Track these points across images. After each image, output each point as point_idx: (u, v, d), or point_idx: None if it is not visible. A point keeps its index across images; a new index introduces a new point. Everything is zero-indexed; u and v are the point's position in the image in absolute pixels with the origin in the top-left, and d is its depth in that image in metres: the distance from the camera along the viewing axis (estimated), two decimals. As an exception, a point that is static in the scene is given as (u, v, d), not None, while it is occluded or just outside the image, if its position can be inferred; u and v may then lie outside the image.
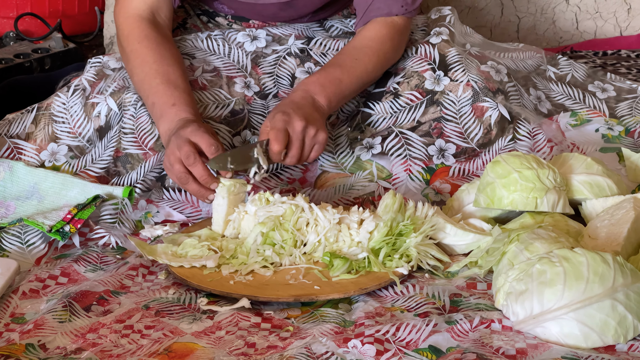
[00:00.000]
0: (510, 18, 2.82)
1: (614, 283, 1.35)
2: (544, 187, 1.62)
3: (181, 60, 1.86)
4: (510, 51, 2.20)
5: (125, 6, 1.88)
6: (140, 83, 1.81)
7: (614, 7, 2.81)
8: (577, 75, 2.22)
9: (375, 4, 1.88)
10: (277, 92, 1.94)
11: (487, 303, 1.46)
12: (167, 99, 1.75)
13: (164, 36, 1.87)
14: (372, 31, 1.89)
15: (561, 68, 2.22)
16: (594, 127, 2.05)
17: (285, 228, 1.58)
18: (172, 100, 1.75)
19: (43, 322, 1.41)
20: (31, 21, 2.78)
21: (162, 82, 1.77)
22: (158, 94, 1.76)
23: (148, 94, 1.78)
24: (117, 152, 1.86)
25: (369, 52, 1.87)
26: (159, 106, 1.75)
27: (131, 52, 1.83)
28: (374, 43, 1.88)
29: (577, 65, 2.25)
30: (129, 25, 1.86)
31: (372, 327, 1.39)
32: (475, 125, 1.92)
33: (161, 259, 1.57)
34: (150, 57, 1.81)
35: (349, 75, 1.83)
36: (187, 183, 1.65)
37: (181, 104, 1.74)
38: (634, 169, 1.84)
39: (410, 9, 1.90)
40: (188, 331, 1.41)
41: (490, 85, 1.94)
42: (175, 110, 1.73)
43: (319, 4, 1.98)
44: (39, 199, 1.78)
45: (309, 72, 1.96)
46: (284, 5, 1.94)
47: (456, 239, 1.61)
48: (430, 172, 1.88)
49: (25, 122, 1.92)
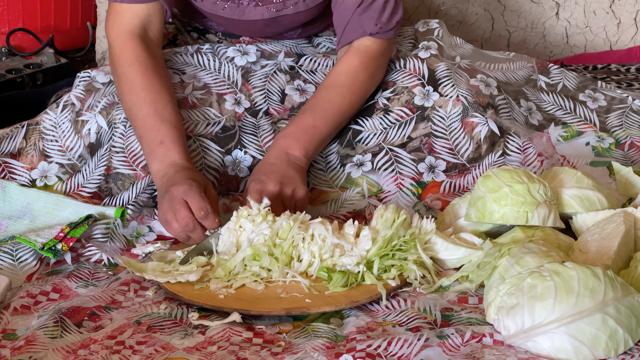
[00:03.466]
0: (501, 32, 2.83)
1: (604, 297, 1.36)
2: (535, 201, 1.62)
3: (170, 85, 1.85)
4: (501, 61, 2.20)
5: (118, 21, 1.86)
6: (128, 111, 1.81)
7: (604, 21, 2.82)
8: (569, 84, 2.23)
9: (351, 25, 1.88)
10: (268, 108, 1.94)
11: (479, 317, 1.47)
12: (155, 135, 1.75)
13: (154, 57, 1.85)
14: (344, 65, 1.88)
15: (552, 77, 2.23)
16: (584, 141, 2.06)
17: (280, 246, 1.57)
18: (159, 137, 1.75)
19: (34, 338, 1.41)
20: (23, 36, 2.78)
21: (149, 114, 1.77)
22: (145, 127, 1.77)
23: (136, 125, 1.79)
24: (108, 169, 1.86)
25: (342, 90, 1.86)
26: (147, 142, 1.76)
27: (122, 75, 1.83)
28: (346, 79, 1.87)
29: (569, 74, 2.25)
30: (121, 45, 1.85)
31: (363, 342, 1.39)
32: (465, 141, 1.92)
33: (148, 276, 1.57)
34: (139, 84, 1.80)
35: (323, 120, 1.83)
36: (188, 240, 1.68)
37: (169, 142, 1.74)
38: (624, 183, 1.85)
39: (386, 29, 1.88)
40: (180, 347, 1.41)
41: (480, 100, 1.94)
42: (163, 150, 1.74)
43: (304, 19, 1.98)
44: (31, 219, 1.78)
45: (298, 90, 1.97)
46: (269, 21, 1.94)
47: (447, 253, 1.61)
48: (422, 186, 1.89)
49: (16, 139, 1.91)
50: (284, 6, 1.91)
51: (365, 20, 1.86)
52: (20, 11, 2.81)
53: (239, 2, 1.91)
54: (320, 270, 1.56)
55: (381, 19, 1.87)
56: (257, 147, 1.89)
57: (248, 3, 1.91)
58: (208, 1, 1.92)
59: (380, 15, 1.87)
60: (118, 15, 1.86)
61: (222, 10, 1.93)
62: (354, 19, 1.87)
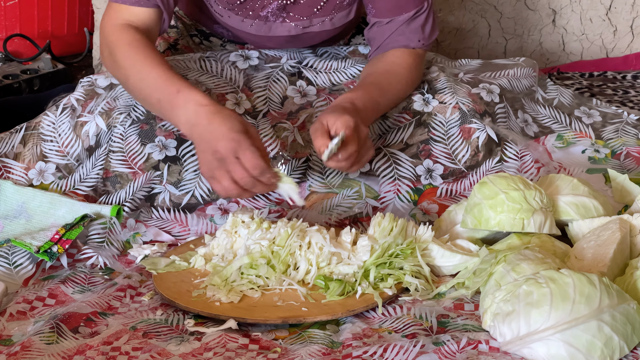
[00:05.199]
0: (498, 39, 2.84)
1: (600, 304, 1.36)
2: (531, 208, 1.62)
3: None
4: (509, 67, 2.21)
5: (115, 17, 1.83)
6: (137, 84, 1.76)
7: (600, 29, 2.83)
8: (564, 100, 2.24)
9: (394, 37, 1.91)
10: (268, 111, 1.94)
11: (475, 324, 1.47)
12: (170, 88, 1.69)
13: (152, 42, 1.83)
14: (400, 58, 1.91)
15: (548, 92, 2.24)
16: (580, 149, 2.07)
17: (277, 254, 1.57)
18: (175, 88, 1.69)
19: (30, 344, 1.41)
20: (20, 42, 2.79)
21: (159, 74, 1.72)
22: (160, 88, 1.71)
23: (150, 92, 1.73)
24: (107, 172, 1.86)
25: (400, 79, 1.89)
26: (164, 98, 1.70)
27: (122, 56, 1.78)
28: (404, 70, 1.90)
29: (564, 91, 2.27)
30: (118, 32, 1.81)
31: (359, 349, 1.40)
32: (462, 147, 1.93)
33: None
34: (142, 56, 1.76)
35: (385, 100, 1.85)
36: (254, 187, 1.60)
37: (185, 89, 1.68)
38: (620, 190, 1.85)
39: (427, 43, 1.94)
40: (175, 353, 1.41)
41: (477, 108, 1.95)
42: (183, 97, 1.67)
43: (326, 37, 2.01)
44: (27, 218, 1.78)
45: (300, 91, 1.97)
46: (292, 37, 1.96)
47: (443, 260, 1.62)
48: (418, 193, 1.89)
49: (14, 142, 1.92)
50: (311, 23, 1.94)
51: (409, 35, 1.91)
52: (18, 17, 2.81)
53: (267, 20, 1.92)
54: (317, 279, 1.56)
55: (424, 34, 1.93)
56: None
57: (275, 20, 1.92)
58: (235, 19, 1.93)
59: (423, 31, 1.92)
60: (116, 13, 1.84)
61: (250, 27, 1.94)
62: (396, 33, 1.91)
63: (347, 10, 1.95)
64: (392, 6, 1.90)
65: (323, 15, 1.93)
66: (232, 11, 1.92)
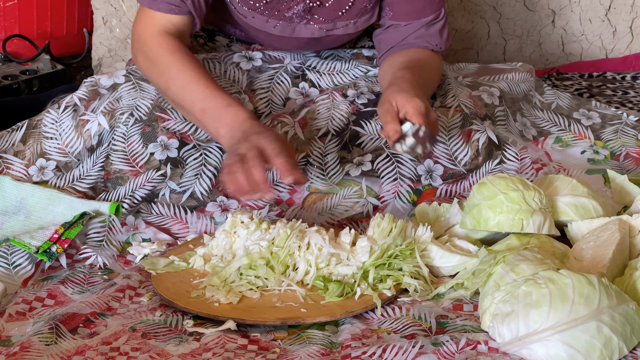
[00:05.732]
0: (497, 40, 2.84)
1: (599, 305, 1.36)
2: (530, 209, 1.62)
3: None
4: (506, 72, 2.22)
5: (151, 23, 1.83)
6: (180, 90, 1.77)
7: (599, 29, 2.83)
8: (562, 103, 2.24)
9: (411, 39, 1.92)
10: (270, 112, 1.94)
11: (474, 325, 1.47)
12: (221, 101, 1.71)
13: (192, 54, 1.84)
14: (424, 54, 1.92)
15: (546, 97, 2.25)
16: (579, 150, 2.07)
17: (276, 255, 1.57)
18: (226, 102, 1.71)
19: (29, 344, 1.41)
20: (19, 43, 2.78)
21: (208, 85, 1.74)
22: (208, 98, 1.72)
23: (195, 100, 1.74)
24: (108, 174, 1.86)
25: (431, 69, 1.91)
26: (213, 110, 1.71)
27: (165, 62, 1.79)
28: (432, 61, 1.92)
29: (562, 95, 2.27)
30: (158, 40, 1.81)
31: (358, 349, 1.40)
32: (463, 149, 1.92)
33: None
34: (188, 66, 1.77)
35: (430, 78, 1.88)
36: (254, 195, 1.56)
37: (236, 105, 1.71)
38: (619, 191, 1.86)
39: (443, 48, 1.96)
40: (174, 353, 1.41)
41: (478, 112, 1.95)
42: (233, 111, 1.69)
43: (347, 39, 2.02)
44: (25, 215, 1.78)
45: (302, 93, 1.97)
46: (313, 40, 1.97)
47: (442, 261, 1.62)
48: (417, 194, 1.89)
49: (14, 139, 1.92)
50: (335, 26, 1.94)
51: (427, 38, 1.93)
52: (17, 17, 2.81)
53: (291, 21, 1.93)
54: (317, 280, 1.56)
55: (441, 39, 1.94)
56: None
57: (300, 21, 1.93)
58: (261, 19, 1.93)
59: (440, 36, 1.94)
60: (151, 19, 1.84)
61: (273, 28, 1.94)
62: (412, 36, 1.92)
63: (369, 14, 1.96)
64: (411, 10, 1.91)
65: (347, 18, 1.94)
66: (257, 11, 1.92)
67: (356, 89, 1.96)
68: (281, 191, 1.86)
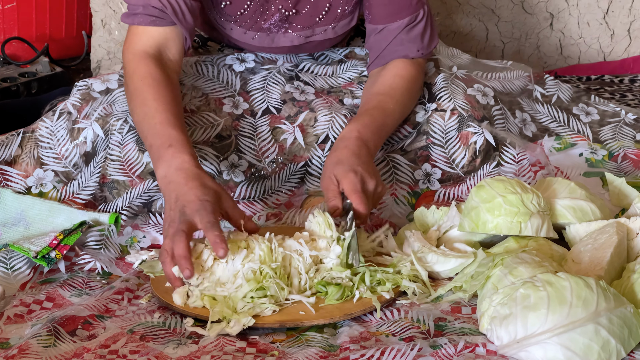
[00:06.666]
0: (495, 43, 2.84)
1: (597, 307, 1.36)
2: (528, 212, 1.63)
3: (180, 102, 1.82)
4: (498, 70, 2.21)
5: (134, 42, 1.84)
6: (139, 123, 1.76)
7: (598, 32, 2.83)
8: (563, 96, 2.23)
9: (392, 47, 1.91)
10: (267, 106, 1.94)
11: (472, 327, 1.47)
12: (164, 140, 1.69)
13: (167, 76, 1.81)
14: (403, 70, 1.90)
15: (548, 88, 2.24)
16: (577, 152, 2.07)
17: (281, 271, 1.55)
18: (168, 141, 1.68)
19: (27, 347, 1.41)
20: (18, 45, 2.79)
21: (159, 121, 1.72)
22: (155, 134, 1.71)
23: (146, 135, 1.73)
24: (104, 178, 1.86)
25: (405, 93, 1.88)
26: (156, 148, 1.69)
27: (134, 90, 1.79)
28: (406, 83, 1.89)
29: (564, 86, 2.26)
30: (135, 63, 1.81)
31: (357, 352, 1.40)
32: (460, 152, 1.93)
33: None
34: (151, 96, 1.75)
35: (391, 120, 1.84)
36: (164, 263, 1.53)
37: (178, 145, 1.67)
38: (617, 194, 1.86)
39: (426, 52, 1.93)
40: (173, 356, 1.41)
41: (475, 114, 1.95)
42: (171, 152, 1.66)
43: (329, 45, 2.02)
44: (25, 226, 1.78)
45: (298, 89, 1.97)
46: (294, 48, 1.97)
47: (439, 266, 1.62)
48: (416, 197, 1.89)
49: (12, 147, 1.92)
50: (313, 33, 1.94)
51: (408, 44, 1.90)
52: (16, 20, 2.81)
53: (269, 32, 1.93)
54: (319, 284, 1.55)
55: (422, 44, 1.92)
56: (253, 154, 1.89)
57: (277, 31, 1.93)
58: (239, 30, 1.93)
59: (422, 40, 1.91)
60: (135, 37, 1.84)
61: (252, 39, 1.94)
62: (394, 43, 1.90)
63: (348, 18, 1.95)
64: (387, 13, 1.89)
65: (325, 24, 1.94)
66: (235, 23, 1.93)
67: (352, 98, 1.96)
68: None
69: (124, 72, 1.86)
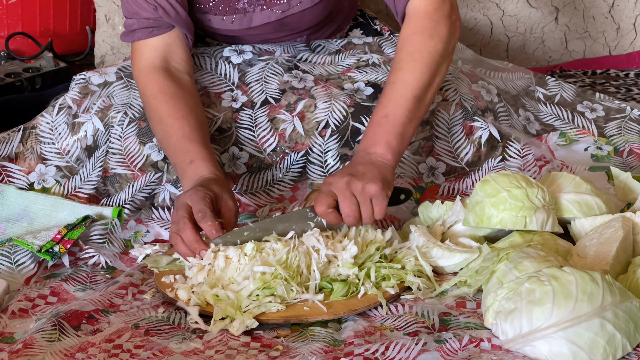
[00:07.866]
0: (500, 37, 2.83)
1: (602, 302, 1.36)
2: (533, 206, 1.62)
3: (198, 109, 1.82)
4: (499, 70, 2.21)
5: (138, 59, 1.84)
6: (161, 142, 1.78)
7: (603, 26, 2.82)
8: (566, 95, 2.23)
9: None
10: (266, 97, 1.94)
11: (477, 322, 1.47)
12: (185, 156, 1.71)
13: (178, 85, 1.81)
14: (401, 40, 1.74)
15: (550, 89, 2.24)
16: (583, 146, 2.07)
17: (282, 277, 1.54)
18: (189, 157, 1.71)
19: (32, 341, 1.41)
20: (22, 40, 2.78)
21: (178, 139, 1.74)
22: (176, 152, 1.73)
23: (169, 153, 1.76)
24: (106, 172, 1.86)
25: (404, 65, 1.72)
26: (180, 165, 1.72)
27: (149, 109, 1.80)
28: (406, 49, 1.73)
29: (566, 86, 2.26)
30: (143, 79, 1.81)
31: (361, 346, 1.39)
32: (465, 144, 1.92)
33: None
34: (165, 113, 1.76)
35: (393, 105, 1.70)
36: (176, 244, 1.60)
37: (198, 160, 1.70)
38: (622, 188, 1.85)
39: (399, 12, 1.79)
40: (177, 351, 1.41)
41: (479, 104, 1.95)
42: (193, 168, 1.69)
43: (311, 18, 1.97)
44: (29, 221, 1.79)
45: (296, 77, 1.96)
46: (277, 24, 1.94)
47: (443, 261, 1.61)
48: (420, 191, 1.89)
49: (13, 143, 1.92)
50: (289, 6, 1.91)
51: None
52: (20, 15, 2.81)
53: (245, 11, 1.91)
54: (324, 280, 1.55)
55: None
56: (254, 145, 1.89)
57: (253, 9, 1.91)
58: (216, 18, 1.92)
59: None
60: (137, 54, 1.84)
61: (231, 23, 1.93)
62: None
63: None
64: None
65: None
66: (210, 12, 1.91)
67: (352, 82, 1.94)
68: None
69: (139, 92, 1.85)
